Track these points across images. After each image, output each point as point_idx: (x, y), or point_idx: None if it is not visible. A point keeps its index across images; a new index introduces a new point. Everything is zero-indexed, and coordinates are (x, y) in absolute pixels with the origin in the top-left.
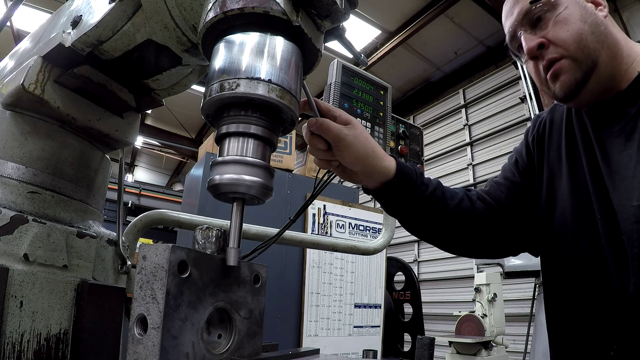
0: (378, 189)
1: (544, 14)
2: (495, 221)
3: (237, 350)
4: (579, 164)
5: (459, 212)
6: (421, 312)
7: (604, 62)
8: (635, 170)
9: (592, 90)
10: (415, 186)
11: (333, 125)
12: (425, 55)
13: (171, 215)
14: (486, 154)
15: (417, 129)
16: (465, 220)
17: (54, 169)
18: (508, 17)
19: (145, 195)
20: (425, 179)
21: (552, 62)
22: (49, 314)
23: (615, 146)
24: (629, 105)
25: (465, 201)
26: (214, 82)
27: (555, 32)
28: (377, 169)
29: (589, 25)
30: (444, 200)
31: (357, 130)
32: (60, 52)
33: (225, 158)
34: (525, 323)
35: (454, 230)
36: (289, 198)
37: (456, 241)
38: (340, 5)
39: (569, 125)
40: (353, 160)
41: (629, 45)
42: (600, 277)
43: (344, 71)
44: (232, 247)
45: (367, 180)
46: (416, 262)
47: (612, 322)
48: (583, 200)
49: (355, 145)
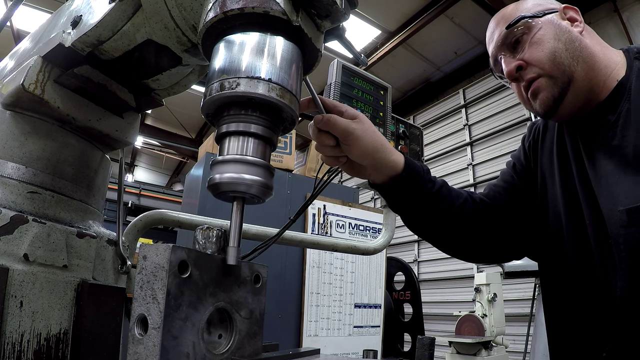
0: (386, 184)
1: (521, 37)
2: (495, 224)
3: (237, 351)
4: (570, 170)
5: (463, 212)
6: (421, 312)
7: (580, 77)
8: (619, 177)
9: (571, 104)
10: (423, 182)
11: (340, 120)
12: (425, 55)
13: (171, 215)
14: (486, 154)
15: (417, 129)
16: (469, 221)
17: (54, 169)
18: (489, 43)
19: (145, 195)
20: (432, 177)
21: (531, 82)
22: (49, 314)
23: (601, 153)
24: (608, 113)
25: (469, 202)
26: (214, 81)
27: (531, 52)
28: (386, 162)
29: (562, 43)
30: (450, 199)
31: (365, 124)
32: (60, 52)
33: (225, 157)
34: (525, 323)
35: (459, 229)
36: (289, 198)
37: (459, 242)
38: (340, 5)
39: (560, 132)
40: (362, 153)
41: (607, 56)
42: (591, 280)
43: (344, 71)
44: (232, 246)
45: (375, 174)
46: (416, 262)
47: (604, 325)
48: (573, 206)
49: (364, 139)
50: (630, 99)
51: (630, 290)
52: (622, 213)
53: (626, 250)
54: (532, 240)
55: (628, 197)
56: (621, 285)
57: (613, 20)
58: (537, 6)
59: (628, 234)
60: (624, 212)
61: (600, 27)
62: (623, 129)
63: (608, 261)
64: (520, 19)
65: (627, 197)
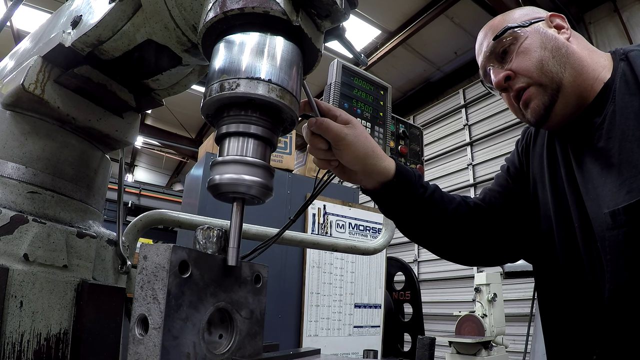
0: (377, 190)
1: (508, 47)
2: (491, 227)
3: (238, 351)
4: (559, 174)
5: (456, 216)
6: (421, 312)
7: (568, 82)
8: (605, 179)
9: (562, 111)
10: (414, 188)
11: (333, 125)
12: (425, 55)
13: (171, 215)
14: (486, 154)
15: (417, 129)
16: (462, 225)
17: (54, 169)
18: (479, 55)
19: (145, 195)
20: (424, 182)
21: (520, 92)
22: (49, 314)
23: (588, 156)
24: (595, 116)
25: (462, 206)
26: (214, 82)
27: (519, 62)
28: (377, 168)
29: (549, 51)
30: (442, 204)
31: (358, 130)
32: (60, 52)
33: (225, 158)
34: (525, 323)
35: (452, 234)
36: (289, 198)
37: (453, 246)
38: (340, 5)
39: (550, 137)
40: (353, 159)
41: (594, 60)
42: (581, 283)
43: (344, 71)
44: (232, 247)
45: (366, 180)
46: (416, 262)
47: (593, 328)
48: (563, 210)
49: (356, 145)
50: (615, 101)
51: (617, 292)
52: (607, 215)
53: (611, 253)
54: (528, 243)
55: (613, 200)
56: (608, 287)
57: (613, 20)
58: (524, 16)
59: (612, 236)
60: (608, 214)
61: (600, 27)
62: (608, 131)
63: (596, 264)
64: (507, 30)
65: (611, 200)
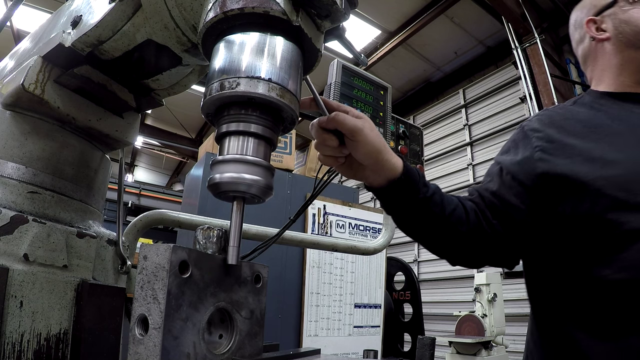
0: (384, 187)
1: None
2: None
3: (238, 351)
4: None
5: (453, 218)
6: (421, 312)
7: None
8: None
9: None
10: (418, 187)
11: (349, 118)
12: (425, 55)
13: (171, 215)
14: (486, 154)
15: (417, 129)
16: (459, 227)
17: (54, 169)
18: None
19: (145, 195)
20: (426, 181)
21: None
22: (49, 314)
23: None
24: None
25: (459, 208)
26: (214, 81)
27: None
28: (387, 164)
29: None
30: (441, 205)
31: (371, 124)
32: (60, 52)
33: (225, 157)
34: (525, 323)
35: (448, 235)
36: (289, 198)
37: (449, 247)
38: (340, 5)
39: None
40: (367, 153)
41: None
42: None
43: (344, 71)
44: (232, 246)
45: (373, 176)
46: (416, 262)
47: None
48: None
49: (372, 138)
50: None
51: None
52: None
53: None
54: (526, 248)
55: None
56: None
57: None
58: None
59: None
60: None
61: None
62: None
63: None
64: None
65: None
